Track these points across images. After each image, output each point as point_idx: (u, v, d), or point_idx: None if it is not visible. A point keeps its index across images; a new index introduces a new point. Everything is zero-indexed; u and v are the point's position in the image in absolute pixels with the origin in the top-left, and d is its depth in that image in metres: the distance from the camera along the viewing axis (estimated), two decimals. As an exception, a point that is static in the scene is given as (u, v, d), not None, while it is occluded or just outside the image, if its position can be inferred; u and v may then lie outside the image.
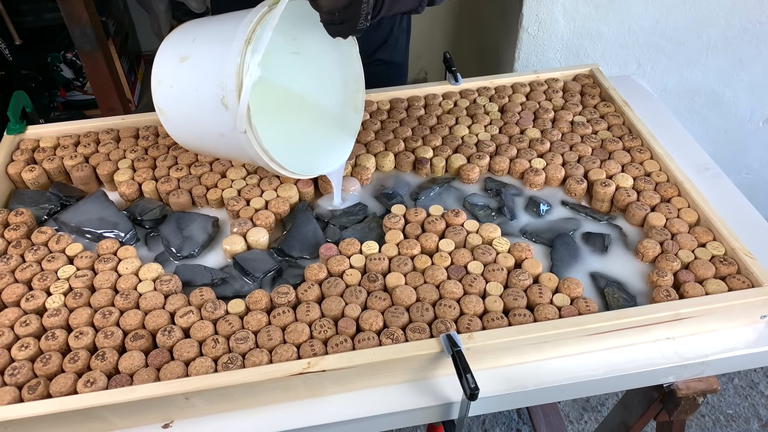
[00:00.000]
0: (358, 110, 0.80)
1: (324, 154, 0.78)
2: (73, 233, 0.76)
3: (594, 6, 1.22)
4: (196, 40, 0.65)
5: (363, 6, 0.61)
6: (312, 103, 0.80)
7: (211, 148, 0.72)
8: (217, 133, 0.65)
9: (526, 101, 0.96)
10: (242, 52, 0.60)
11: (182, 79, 0.66)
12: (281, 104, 0.79)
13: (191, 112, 0.67)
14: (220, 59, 0.61)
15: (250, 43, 0.60)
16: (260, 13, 0.62)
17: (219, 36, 0.64)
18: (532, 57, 1.30)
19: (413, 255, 0.71)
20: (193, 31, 0.67)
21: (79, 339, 0.62)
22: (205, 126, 0.66)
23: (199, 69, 0.64)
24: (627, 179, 0.80)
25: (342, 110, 0.81)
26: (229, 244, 0.73)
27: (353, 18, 0.62)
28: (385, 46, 1.06)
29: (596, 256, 0.73)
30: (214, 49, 0.63)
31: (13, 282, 0.68)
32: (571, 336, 0.62)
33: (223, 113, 0.62)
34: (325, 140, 0.79)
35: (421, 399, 0.62)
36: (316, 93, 0.80)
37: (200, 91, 0.64)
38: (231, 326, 0.63)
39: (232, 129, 0.62)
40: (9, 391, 0.58)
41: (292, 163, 0.69)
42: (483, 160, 0.84)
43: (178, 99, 0.67)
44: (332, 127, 0.81)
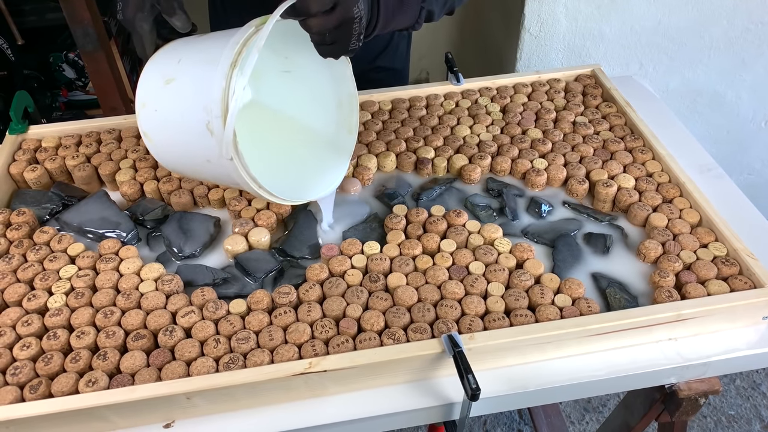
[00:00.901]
0: (352, 132, 0.77)
1: (316, 177, 0.75)
2: (75, 233, 0.76)
3: (596, 6, 1.22)
4: (181, 61, 0.62)
5: (354, 26, 0.59)
6: (304, 125, 0.77)
7: (198, 173, 0.69)
8: (203, 159, 0.62)
9: (527, 101, 0.96)
10: (228, 75, 0.57)
11: (167, 103, 0.63)
12: (272, 126, 0.76)
13: (176, 137, 0.64)
14: (206, 82, 0.58)
15: (236, 65, 0.57)
16: (247, 34, 0.59)
17: (205, 57, 0.60)
18: (534, 57, 1.30)
19: (415, 255, 0.71)
20: (178, 51, 0.64)
21: (80, 339, 0.62)
22: (191, 151, 0.63)
23: (184, 92, 0.61)
24: (629, 180, 0.80)
25: (336, 132, 0.77)
26: (231, 244, 0.73)
27: (345, 38, 0.60)
28: (386, 52, 1.06)
29: (598, 256, 0.73)
30: (199, 71, 0.60)
31: (15, 282, 0.68)
32: (572, 337, 0.62)
33: (208, 139, 0.59)
34: (318, 164, 0.76)
35: (423, 399, 0.62)
36: (309, 114, 0.77)
37: (185, 115, 0.61)
38: (232, 326, 0.63)
39: (219, 155, 0.59)
40: (11, 390, 0.58)
41: (282, 188, 0.66)
42: (485, 160, 0.84)
43: (163, 123, 0.64)
44: (325, 150, 0.77)
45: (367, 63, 1.06)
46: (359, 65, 1.06)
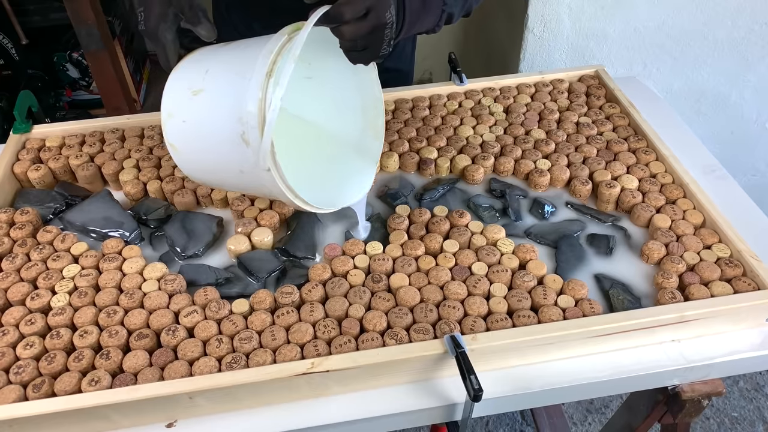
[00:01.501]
0: (378, 136, 0.76)
1: (345, 184, 0.74)
2: (79, 232, 0.77)
3: (600, 7, 1.21)
4: (209, 71, 0.62)
5: (387, 32, 0.59)
6: (329, 131, 0.77)
7: (229, 183, 0.68)
8: (236, 170, 0.61)
9: (531, 102, 0.96)
10: (263, 86, 0.56)
11: (196, 114, 0.62)
12: (298, 134, 0.75)
13: (207, 148, 0.63)
14: (239, 93, 0.57)
15: (272, 75, 0.57)
16: (280, 43, 0.58)
17: (235, 68, 0.60)
18: (537, 58, 1.30)
19: (417, 256, 0.71)
20: (205, 61, 0.63)
21: (83, 338, 0.62)
22: (223, 162, 0.63)
23: (214, 103, 0.61)
24: (632, 180, 0.80)
25: (361, 137, 0.77)
26: (234, 244, 0.73)
27: (376, 44, 0.60)
28: (392, 54, 1.06)
29: (601, 257, 0.73)
30: (231, 81, 0.59)
31: (18, 281, 0.69)
32: (575, 338, 0.62)
33: (243, 149, 0.59)
34: (346, 170, 0.75)
35: (425, 400, 0.62)
36: (334, 120, 0.77)
37: (217, 126, 0.60)
38: (235, 326, 0.64)
39: (254, 166, 0.59)
40: (14, 389, 0.58)
41: (314, 196, 0.65)
42: (488, 160, 0.84)
43: (192, 134, 0.63)
44: (352, 156, 0.77)
45: None
46: None
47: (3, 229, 0.75)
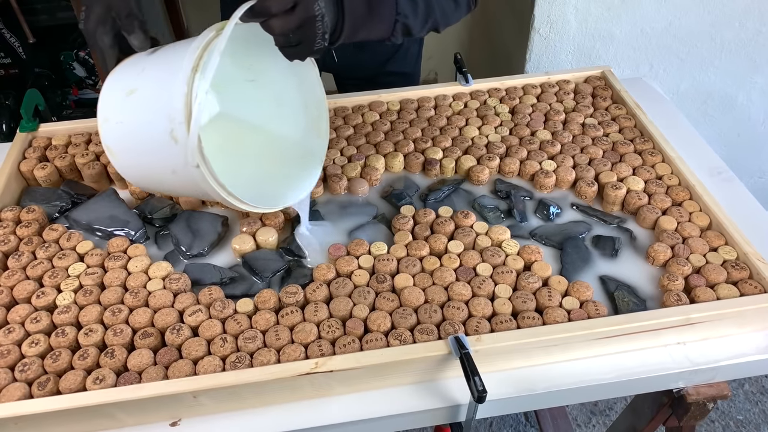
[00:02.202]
0: (322, 136, 0.76)
1: (290, 184, 0.74)
2: (84, 231, 0.77)
3: (606, 8, 1.21)
4: (144, 70, 0.61)
5: (318, 25, 0.59)
6: (273, 133, 0.76)
7: (165, 186, 0.67)
8: (169, 171, 0.60)
9: (536, 103, 0.95)
10: (189, 80, 0.55)
11: (130, 114, 0.61)
12: (241, 136, 0.74)
13: (141, 149, 0.62)
14: (168, 89, 0.57)
15: (198, 70, 0.56)
16: (207, 39, 0.58)
17: (167, 65, 0.59)
18: (543, 58, 1.30)
19: (422, 256, 0.71)
20: (141, 62, 0.62)
21: (88, 336, 0.63)
22: (156, 163, 0.61)
23: (147, 101, 0.60)
24: (638, 182, 0.79)
25: (305, 138, 0.76)
26: (239, 244, 0.73)
27: (309, 38, 0.59)
28: (396, 56, 1.06)
29: (606, 259, 0.73)
30: (161, 79, 0.59)
31: (24, 279, 0.69)
32: (580, 339, 0.62)
33: (173, 147, 0.57)
34: (290, 170, 0.75)
35: (429, 401, 0.61)
36: (277, 121, 0.76)
37: (149, 125, 0.59)
38: (239, 325, 0.64)
39: (184, 164, 0.57)
40: (19, 387, 0.58)
41: (255, 196, 0.64)
42: (493, 161, 0.84)
43: (127, 136, 0.62)
44: (296, 157, 0.76)
45: (378, 67, 1.06)
46: (370, 69, 1.06)
47: (9, 227, 0.75)
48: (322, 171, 0.83)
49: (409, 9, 0.70)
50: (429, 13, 0.73)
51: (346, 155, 0.86)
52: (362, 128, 0.91)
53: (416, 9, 0.71)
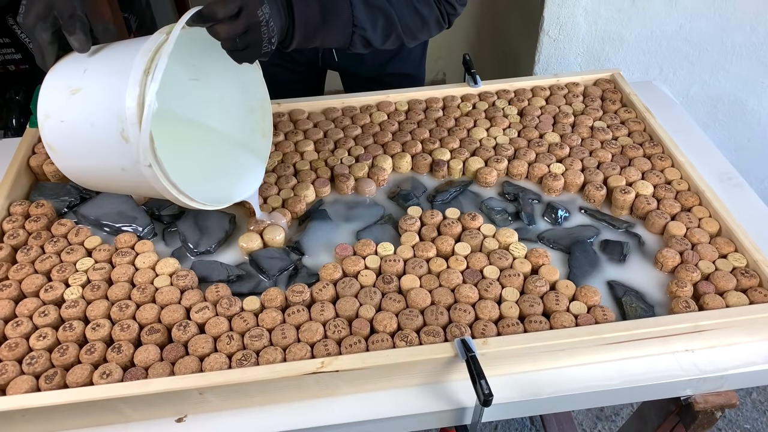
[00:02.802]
0: (266, 135, 0.77)
1: (234, 182, 0.75)
2: (92, 226, 0.77)
3: (616, 10, 1.20)
4: (87, 71, 0.61)
5: (263, 30, 0.60)
6: (218, 132, 0.77)
7: (112, 184, 0.67)
8: (118, 169, 0.61)
9: (545, 105, 0.95)
10: (141, 82, 0.57)
11: (75, 113, 0.61)
12: (185, 135, 0.75)
13: (87, 148, 0.62)
14: (118, 91, 0.57)
15: (150, 72, 0.57)
16: (159, 41, 0.58)
17: (114, 66, 0.60)
18: (552, 60, 1.29)
19: (429, 258, 0.71)
20: (83, 61, 0.62)
21: (96, 331, 0.63)
22: (104, 161, 0.62)
23: (93, 101, 0.60)
24: (647, 187, 0.79)
25: (250, 137, 0.77)
26: (246, 242, 0.73)
27: (255, 43, 0.61)
28: (397, 58, 1.06)
29: (614, 264, 0.72)
30: (110, 80, 0.59)
31: (32, 273, 0.69)
32: (587, 345, 0.62)
33: (123, 147, 0.58)
34: (234, 169, 0.76)
35: (434, 403, 0.61)
36: (221, 120, 0.77)
37: (96, 125, 0.60)
38: (246, 323, 0.64)
39: (135, 163, 0.59)
40: (27, 379, 0.58)
41: (203, 194, 0.65)
42: (501, 163, 0.84)
43: (71, 134, 0.62)
44: (241, 155, 0.77)
45: (378, 68, 1.06)
46: (372, 69, 1.06)
47: (18, 221, 0.75)
48: (329, 170, 0.84)
49: (368, 23, 0.71)
50: (390, 28, 0.74)
51: (353, 155, 0.86)
52: (370, 128, 0.91)
53: (375, 23, 0.72)
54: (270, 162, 0.85)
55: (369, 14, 0.72)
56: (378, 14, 0.73)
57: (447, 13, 0.81)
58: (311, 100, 0.96)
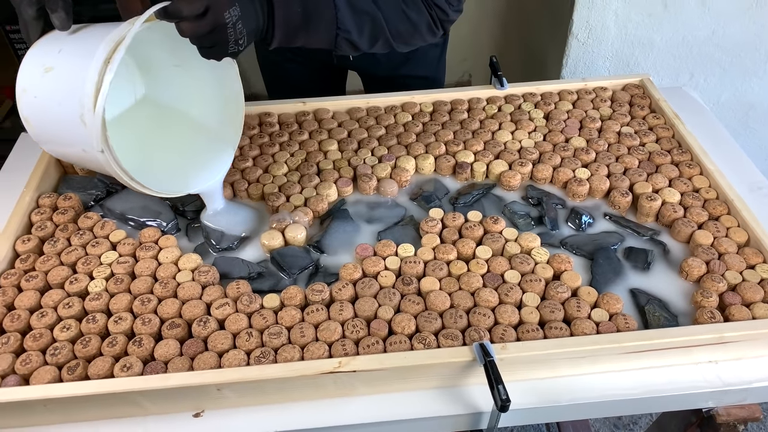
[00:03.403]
0: (237, 130, 0.77)
1: (201, 172, 0.76)
2: (117, 220, 0.78)
3: (647, 14, 1.19)
4: (62, 51, 0.63)
5: (229, 31, 0.60)
6: (192, 120, 0.79)
7: (79, 162, 0.70)
8: (80, 149, 0.63)
9: (572, 109, 0.94)
10: (101, 71, 0.59)
11: (46, 91, 0.64)
12: (165, 121, 0.78)
13: (56, 126, 0.64)
14: (81, 76, 0.59)
15: (110, 62, 0.58)
16: (125, 32, 0.60)
17: (83, 51, 0.61)
18: (580, 64, 1.28)
19: (449, 260, 0.70)
20: (60, 41, 0.64)
21: (118, 324, 0.64)
22: (69, 140, 0.64)
23: (62, 82, 0.62)
24: (674, 194, 0.78)
25: (221, 129, 0.78)
26: (268, 239, 0.74)
27: (221, 43, 0.61)
28: (412, 61, 1.06)
29: (638, 272, 0.71)
30: (76, 63, 0.61)
31: (58, 264, 0.70)
32: (608, 353, 0.61)
33: (82, 130, 0.61)
34: (204, 159, 0.77)
35: (451, 406, 0.61)
36: (197, 109, 0.78)
37: (63, 105, 0.62)
38: (265, 320, 0.64)
39: (91, 146, 0.61)
40: (49, 370, 0.59)
41: (159, 182, 0.67)
42: (525, 167, 0.83)
43: (42, 110, 0.64)
44: (210, 146, 0.78)
45: (393, 70, 1.06)
46: (386, 70, 1.06)
47: (46, 213, 0.77)
48: (352, 170, 0.84)
49: (353, 26, 0.71)
50: (377, 32, 0.74)
51: (376, 155, 0.86)
52: (394, 129, 0.91)
53: (361, 27, 0.72)
54: (293, 160, 0.85)
55: (354, 18, 0.72)
56: (364, 18, 0.73)
57: (439, 19, 0.79)
58: (336, 99, 0.96)
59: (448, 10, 0.79)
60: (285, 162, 0.85)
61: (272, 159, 0.86)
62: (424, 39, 0.80)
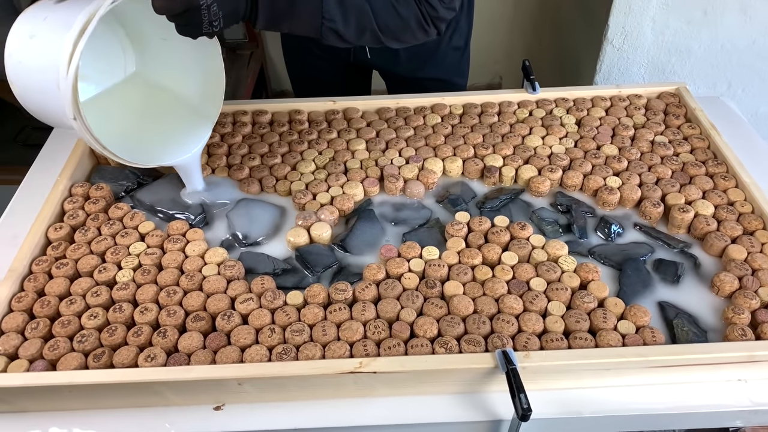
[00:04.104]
0: (216, 106, 0.80)
1: (177, 146, 0.78)
2: (147, 211, 0.79)
3: (686, 21, 1.16)
4: (46, 18, 0.65)
5: (203, 13, 0.61)
6: (175, 94, 0.81)
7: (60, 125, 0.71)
8: (60, 115, 0.65)
9: (605, 116, 0.92)
10: (75, 41, 0.61)
11: (29, 57, 0.66)
12: (146, 94, 0.80)
13: (36, 92, 0.66)
14: (59, 44, 0.61)
15: (83, 33, 0.60)
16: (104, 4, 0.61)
17: (64, 20, 0.63)
18: (614, 70, 1.26)
19: (474, 265, 0.70)
20: (48, 8, 0.66)
21: (143, 314, 0.64)
22: (49, 105, 0.66)
23: (43, 50, 0.64)
24: (708, 206, 0.76)
25: (202, 104, 0.80)
26: (293, 236, 0.74)
27: (194, 24, 0.62)
28: (430, 64, 1.05)
29: (667, 285, 0.70)
30: (56, 32, 0.63)
31: (88, 253, 0.72)
32: (633, 366, 0.60)
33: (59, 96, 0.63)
34: (182, 132, 0.79)
35: (470, 413, 0.61)
36: (181, 85, 0.81)
37: (42, 72, 0.64)
38: (288, 317, 0.64)
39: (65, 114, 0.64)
40: (76, 357, 0.61)
41: (133, 151, 0.70)
42: (555, 173, 0.82)
43: (25, 76, 0.66)
44: (189, 119, 0.80)
45: (411, 71, 1.07)
46: (405, 71, 1.06)
47: (79, 202, 0.78)
48: (379, 170, 0.84)
49: (338, 16, 0.71)
50: (364, 23, 0.74)
51: (404, 156, 0.86)
52: (422, 130, 0.90)
53: (347, 18, 0.72)
54: (321, 158, 0.85)
55: (340, 7, 0.72)
56: (351, 8, 0.73)
57: (429, 15, 0.77)
58: (366, 99, 0.96)
59: (438, 6, 0.77)
60: (313, 160, 0.85)
61: (300, 156, 0.86)
62: (415, 36, 0.79)
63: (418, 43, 0.81)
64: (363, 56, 1.04)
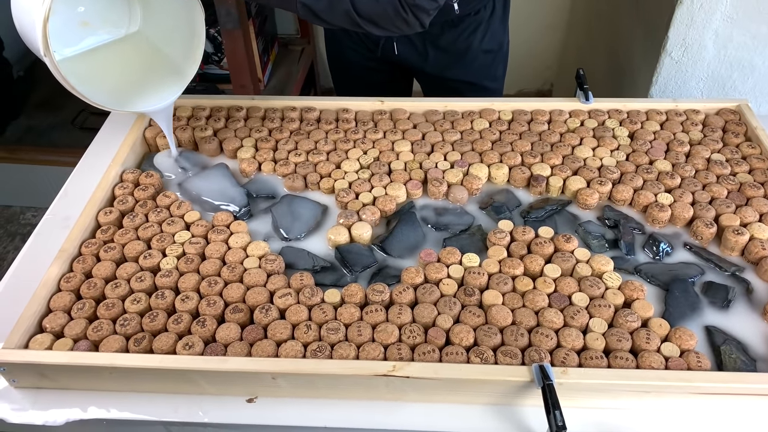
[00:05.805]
0: (195, 62, 0.84)
1: (154, 96, 0.82)
2: (193, 201, 0.81)
3: (751, 36, 1.11)
4: None
5: None
6: (159, 49, 0.86)
7: None
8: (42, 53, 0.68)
9: (659, 130, 0.89)
10: None
11: None
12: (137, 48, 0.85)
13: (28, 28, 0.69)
14: None
15: None
16: None
17: None
18: (671, 83, 1.22)
19: (515, 275, 0.69)
20: None
21: (184, 302, 0.66)
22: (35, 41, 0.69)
23: None
24: (764, 230, 0.73)
25: (183, 60, 0.85)
26: (334, 234, 0.74)
27: None
28: (458, 65, 1.05)
29: (716, 309, 0.67)
30: None
31: (135, 239, 0.74)
32: (675, 391, 0.58)
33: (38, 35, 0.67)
34: (161, 84, 0.84)
35: (502, 425, 0.60)
36: (166, 40, 0.85)
37: (30, 12, 0.67)
38: (325, 315, 0.64)
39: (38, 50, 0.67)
40: (118, 339, 0.62)
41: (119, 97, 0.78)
42: (604, 186, 0.80)
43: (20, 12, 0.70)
44: (170, 74, 0.85)
45: (437, 71, 1.06)
46: (432, 70, 1.06)
47: (129, 188, 0.80)
48: (423, 173, 0.83)
49: None
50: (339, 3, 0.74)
51: (449, 160, 0.85)
52: (469, 135, 0.89)
53: None
54: (366, 158, 0.85)
55: None
56: None
57: (408, 4, 0.74)
58: (414, 101, 0.95)
59: None
60: (357, 159, 0.85)
61: (345, 155, 0.86)
62: (395, 24, 0.77)
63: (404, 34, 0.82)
64: (390, 52, 1.04)
